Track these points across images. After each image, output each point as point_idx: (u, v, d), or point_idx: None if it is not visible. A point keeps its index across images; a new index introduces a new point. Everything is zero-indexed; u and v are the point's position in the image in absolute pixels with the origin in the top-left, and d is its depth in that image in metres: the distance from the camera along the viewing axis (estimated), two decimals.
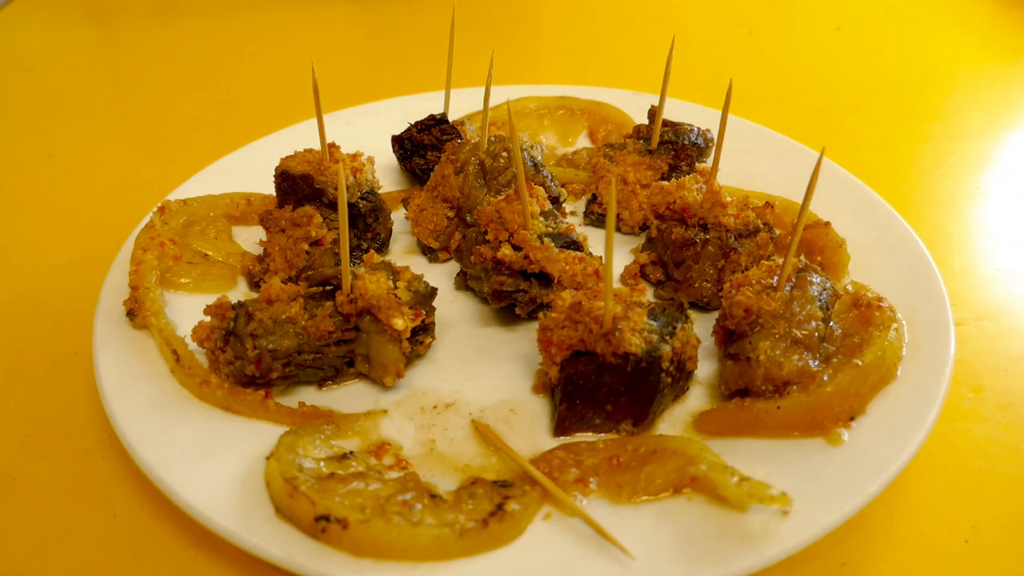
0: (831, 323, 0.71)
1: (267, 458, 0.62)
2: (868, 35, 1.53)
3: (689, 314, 0.70)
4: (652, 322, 0.67)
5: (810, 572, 0.60)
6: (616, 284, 0.84)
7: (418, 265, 0.86)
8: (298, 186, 0.85)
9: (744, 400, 0.67)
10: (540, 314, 0.70)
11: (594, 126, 1.10)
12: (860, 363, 0.67)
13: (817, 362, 0.68)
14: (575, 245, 0.78)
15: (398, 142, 0.99)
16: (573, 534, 0.58)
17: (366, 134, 1.03)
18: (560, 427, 0.68)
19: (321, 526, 0.55)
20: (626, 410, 0.66)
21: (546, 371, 0.69)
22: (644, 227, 0.92)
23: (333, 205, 0.84)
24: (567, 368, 0.67)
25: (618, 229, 0.93)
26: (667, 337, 0.66)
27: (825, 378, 0.67)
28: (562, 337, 0.67)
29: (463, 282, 0.85)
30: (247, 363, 0.68)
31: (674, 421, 0.69)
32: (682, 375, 0.69)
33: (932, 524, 0.63)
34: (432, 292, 0.75)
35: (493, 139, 0.89)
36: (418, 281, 0.74)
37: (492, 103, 0.90)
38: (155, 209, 0.85)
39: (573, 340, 0.66)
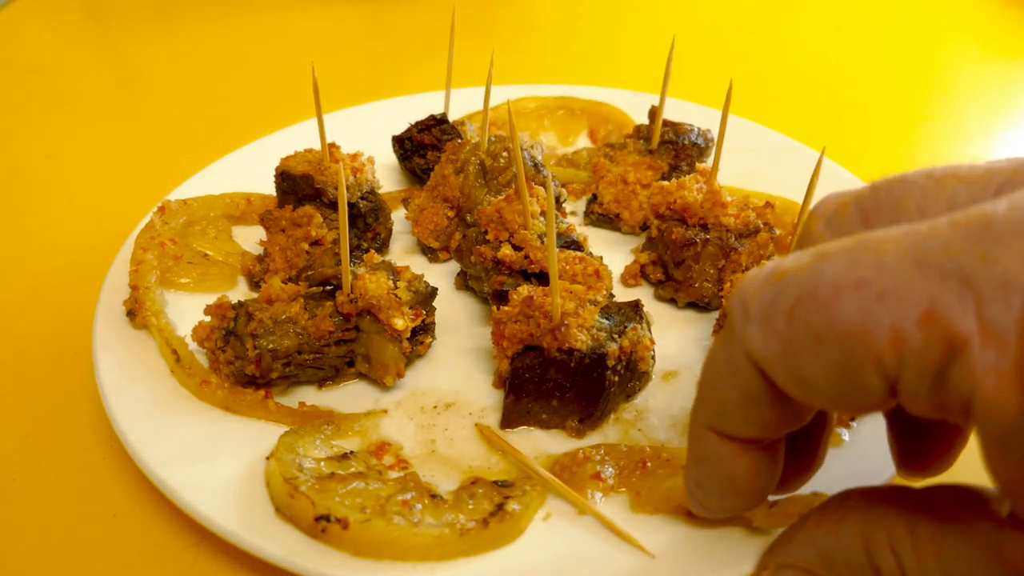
0: None
1: (267, 458, 0.62)
2: (868, 35, 1.53)
3: (646, 315, 0.71)
4: (604, 320, 0.67)
5: None
6: (616, 284, 0.84)
7: (418, 265, 0.86)
8: (298, 186, 0.85)
9: None
10: (493, 308, 0.71)
11: (594, 126, 1.10)
12: None
13: None
14: (575, 245, 0.78)
15: (398, 142, 0.99)
16: (574, 534, 0.58)
17: (366, 134, 1.03)
18: (506, 420, 0.68)
19: (321, 526, 0.55)
20: (572, 406, 0.67)
21: (499, 364, 0.70)
22: (644, 227, 0.92)
23: (333, 205, 0.84)
24: (515, 361, 0.67)
25: (618, 229, 0.93)
26: (615, 336, 0.67)
27: None
28: (514, 331, 0.68)
29: (463, 282, 0.85)
30: (247, 363, 0.68)
31: (674, 421, 0.69)
32: (633, 375, 0.70)
33: None
34: (432, 292, 0.75)
35: (493, 139, 0.89)
36: (418, 281, 0.74)
37: (492, 103, 0.89)
38: (155, 209, 0.85)
39: (524, 334, 0.67)
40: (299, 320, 0.70)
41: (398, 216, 0.95)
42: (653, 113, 0.95)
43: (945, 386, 0.34)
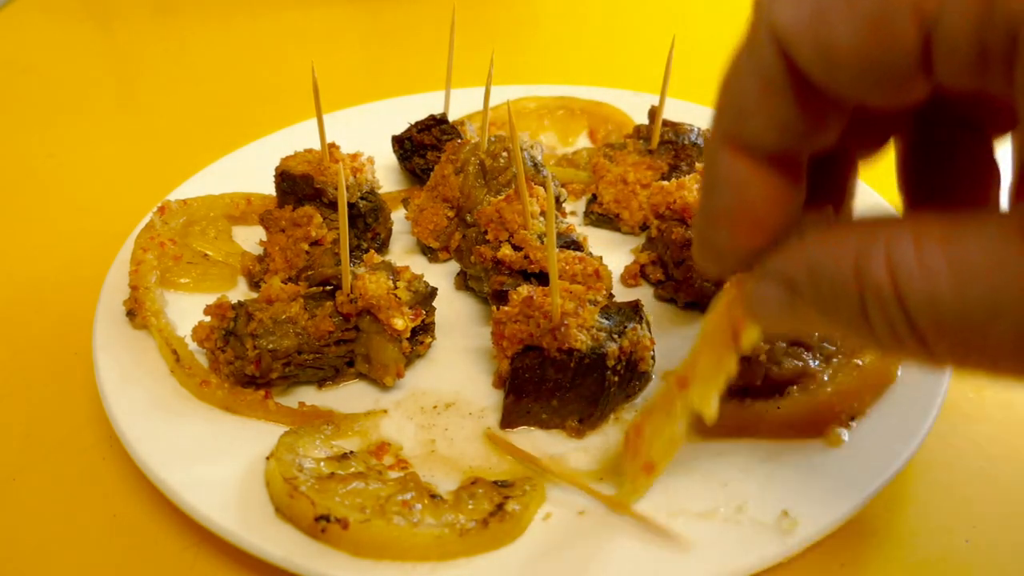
0: None
1: (267, 458, 0.62)
2: None
3: (646, 315, 0.71)
4: (603, 321, 0.68)
5: (810, 572, 0.60)
6: (616, 284, 0.84)
7: (418, 265, 0.86)
8: (298, 186, 0.85)
9: (744, 400, 0.67)
10: (493, 308, 0.71)
11: (594, 126, 1.10)
12: (861, 363, 0.67)
13: (817, 362, 0.68)
14: (575, 245, 0.78)
15: (398, 142, 0.99)
16: (574, 534, 0.58)
17: (366, 134, 1.03)
18: (506, 420, 0.69)
19: (321, 526, 0.56)
20: (572, 406, 0.67)
21: (499, 364, 0.70)
22: (644, 227, 0.92)
23: (333, 205, 0.84)
24: (515, 361, 0.68)
25: (618, 229, 0.93)
26: (615, 336, 0.67)
27: (825, 378, 0.67)
28: (514, 331, 0.68)
29: (463, 282, 0.85)
30: (247, 363, 0.68)
31: None
32: (633, 375, 0.70)
33: (932, 524, 0.63)
34: (432, 292, 0.75)
35: (493, 139, 0.89)
36: (418, 281, 0.74)
37: (492, 103, 0.90)
38: (155, 209, 0.85)
39: (523, 334, 0.67)
40: (299, 320, 0.70)
41: (398, 216, 0.95)
42: (653, 113, 0.95)
43: (991, 19, 0.31)
